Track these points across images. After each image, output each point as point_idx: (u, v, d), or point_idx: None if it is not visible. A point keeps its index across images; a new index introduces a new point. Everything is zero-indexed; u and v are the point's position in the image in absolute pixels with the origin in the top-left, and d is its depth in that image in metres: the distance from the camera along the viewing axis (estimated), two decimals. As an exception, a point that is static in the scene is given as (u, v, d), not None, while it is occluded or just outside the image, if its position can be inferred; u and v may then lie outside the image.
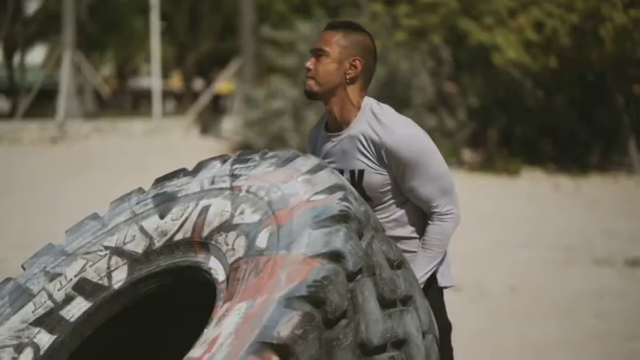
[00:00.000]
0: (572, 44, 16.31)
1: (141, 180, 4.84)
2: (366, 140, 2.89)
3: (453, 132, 18.19)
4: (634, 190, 14.84)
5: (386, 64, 18.20)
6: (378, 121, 2.89)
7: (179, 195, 2.82)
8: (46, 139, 25.45)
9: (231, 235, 2.59)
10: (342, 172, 2.94)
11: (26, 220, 11.30)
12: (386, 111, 2.93)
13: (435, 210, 2.95)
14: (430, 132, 19.54)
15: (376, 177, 2.91)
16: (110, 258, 2.83)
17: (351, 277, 2.37)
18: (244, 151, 2.88)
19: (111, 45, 38.79)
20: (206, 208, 2.71)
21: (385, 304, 2.49)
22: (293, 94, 19.37)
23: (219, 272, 2.57)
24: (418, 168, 2.87)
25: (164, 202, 2.84)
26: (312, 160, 2.68)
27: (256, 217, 2.56)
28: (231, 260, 2.53)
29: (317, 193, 2.54)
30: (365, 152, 2.90)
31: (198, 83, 41.13)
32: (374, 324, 2.41)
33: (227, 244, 2.59)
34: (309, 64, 2.93)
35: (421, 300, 2.71)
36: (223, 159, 2.88)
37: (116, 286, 2.80)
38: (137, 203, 2.91)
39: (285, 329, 2.19)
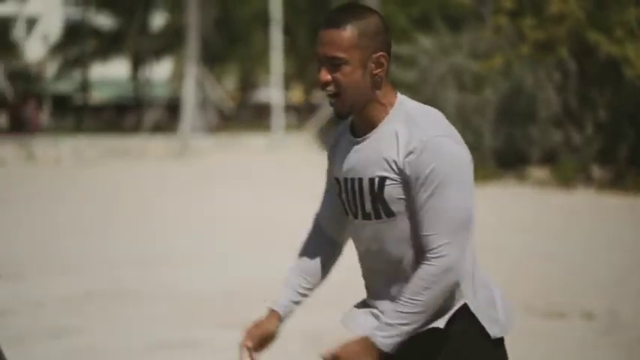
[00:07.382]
0: None
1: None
2: (396, 142, 2.36)
3: (580, 147, 17.66)
4: None
5: (510, 77, 17.79)
6: (414, 122, 2.37)
7: None
8: (170, 153, 25.99)
9: None
10: (361, 181, 2.41)
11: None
12: (426, 112, 2.40)
13: (428, 247, 2.35)
14: (556, 147, 19.38)
15: (397, 188, 2.38)
16: None
17: None
18: None
19: (233, 58, 39.42)
20: None
21: None
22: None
23: None
24: (436, 188, 2.32)
25: None
26: None
27: None
28: None
29: None
30: (389, 157, 2.37)
31: (318, 96, 41.36)
32: None
33: None
34: (325, 76, 2.36)
35: None
36: None
37: None
38: None
39: None
